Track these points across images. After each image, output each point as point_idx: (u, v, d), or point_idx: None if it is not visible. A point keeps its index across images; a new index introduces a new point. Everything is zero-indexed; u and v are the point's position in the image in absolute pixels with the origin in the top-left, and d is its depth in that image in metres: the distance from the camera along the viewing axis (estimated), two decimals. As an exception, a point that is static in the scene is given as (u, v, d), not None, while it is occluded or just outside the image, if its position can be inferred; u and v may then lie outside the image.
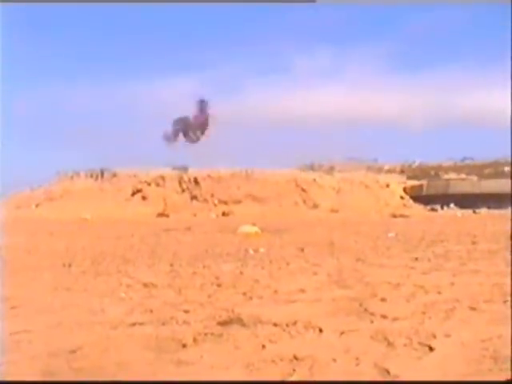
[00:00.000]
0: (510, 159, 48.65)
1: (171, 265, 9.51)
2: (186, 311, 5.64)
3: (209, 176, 43.58)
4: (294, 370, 3.74)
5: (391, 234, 15.77)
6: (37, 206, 44.84)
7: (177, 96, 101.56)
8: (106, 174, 48.71)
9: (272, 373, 3.71)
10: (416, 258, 9.76)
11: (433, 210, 39.91)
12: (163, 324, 5.10)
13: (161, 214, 36.32)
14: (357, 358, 3.95)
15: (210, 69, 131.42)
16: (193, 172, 45.09)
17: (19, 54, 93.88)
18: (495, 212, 34.84)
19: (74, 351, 4.26)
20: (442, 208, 40.31)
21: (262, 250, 11.62)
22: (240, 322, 5.08)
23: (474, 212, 35.37)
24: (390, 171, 55.96)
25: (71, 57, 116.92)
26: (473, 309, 5.50)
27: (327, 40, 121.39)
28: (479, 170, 51.22)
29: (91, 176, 50.02)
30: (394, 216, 31.10)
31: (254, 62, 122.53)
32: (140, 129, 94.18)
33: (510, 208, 36.58)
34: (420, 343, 4.30)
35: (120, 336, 4.71)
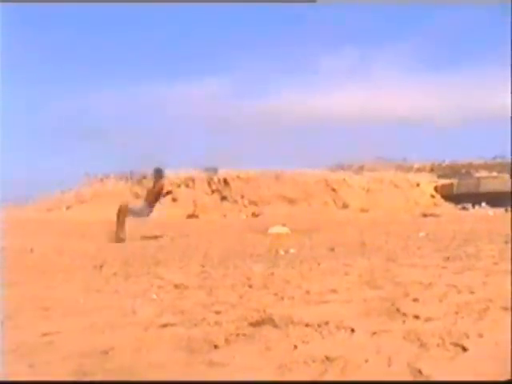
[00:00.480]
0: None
1: (202, 266, 9.54)
2: (218, 312, 5.66)
3: (238, 177, 43.66)
4: (325, 371, 3.74)
5: (422, 234, 15.68)
6: (67, 208, 45.24)
7: (205, 97, 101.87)
8: (135, 176, 48.98)
9: (304, 373, 3.72)
10: (447, 258, 9.68)
11: (464, 208, 39.60)
12: (195, 325, 5.12)
13: (191, 216, 36.44)
14: (389, 359, 3.94)
15: (237, 70, 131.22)
16: (222, 173, 45.23)
17: (39, 56, 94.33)
18: (528, 210, 34.50)
19: (106, 352, 4.30)
20: (473, 207, 39.97)
21: (292, 250, 11.61)
22: (272, 322, 5.09)
23: (506, 210, 35.02)
24: (419, 170, 55.61)
25: (95, 59, 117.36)
26: (506, 309, 5.44)
27: (353, 40, 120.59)
28: (510, 168, 50.66)
29: (121, 178, 50.35)
30: (425, 215, 30.88)
31: (281, 64, 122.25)
32: (168, 130, 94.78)
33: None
34: (453, 343, 4.27)
35: (151, 337, 4.75)
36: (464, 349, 4.15)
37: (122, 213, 17.80)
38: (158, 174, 19.27)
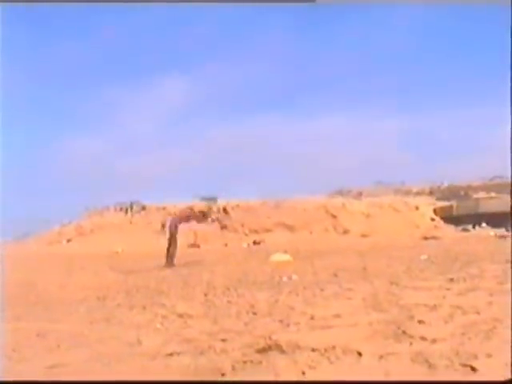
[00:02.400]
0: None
1: (205, 294, 9.52)
2: (224, 340, 5.63)
3: (238, 206, 43.65)
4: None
5: (424, 257, 15.63)
6: (68, 241, 45.14)
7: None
8: (135, 207, 48.97)
9: (314, 398, 3.70)
10: (451, 279, 9.65)
11: (464, 230, 39.48)
12: (201, 353, 5.10)
13: (192, 245, 36.36)
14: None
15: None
16: (222, 202, 45.22)
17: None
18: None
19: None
20: (473, 228, 39.89)
21: (294, 277, 11.59)
22: (279, 348, 5.07)
23: (507, 230, 34.97)
24: (418, 193, 55.57)
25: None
26: (513, 328, 5.43)
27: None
28: (509, 189, 50.65)
29: (120, 209, 50.31)
30: (426, 238, 30.81)
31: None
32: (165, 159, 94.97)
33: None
34: (462, 364, 4.25)
35: (158, 366, 4.73)
36: (473, 369, 4.13)
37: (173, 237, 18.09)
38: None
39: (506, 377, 3.92)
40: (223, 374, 4.38)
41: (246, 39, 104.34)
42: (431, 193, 55.12)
